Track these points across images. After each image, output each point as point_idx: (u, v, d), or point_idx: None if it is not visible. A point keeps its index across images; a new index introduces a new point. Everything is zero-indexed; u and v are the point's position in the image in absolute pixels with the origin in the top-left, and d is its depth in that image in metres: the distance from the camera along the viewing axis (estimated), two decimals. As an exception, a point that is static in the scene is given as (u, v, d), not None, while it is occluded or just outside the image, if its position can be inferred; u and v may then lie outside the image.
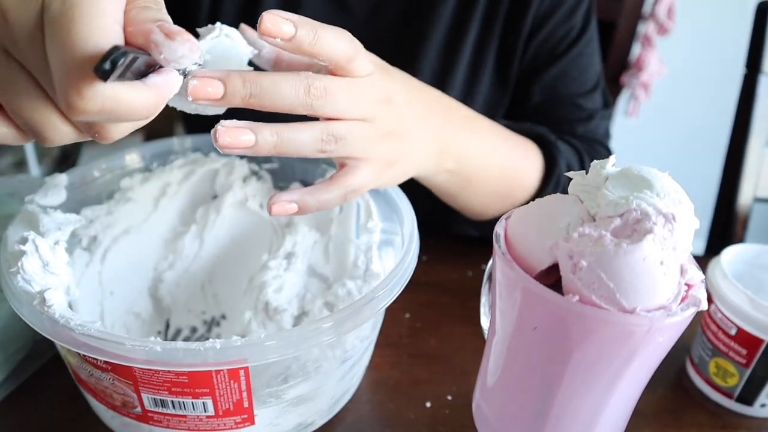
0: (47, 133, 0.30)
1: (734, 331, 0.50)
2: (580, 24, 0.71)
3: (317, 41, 0.37)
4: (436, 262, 0.67)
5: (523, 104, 0.73)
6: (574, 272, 0.29)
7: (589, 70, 0.72)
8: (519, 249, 0.32)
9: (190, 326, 0.57)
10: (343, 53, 0.39)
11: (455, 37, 0.69)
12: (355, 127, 0.42)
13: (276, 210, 0.42)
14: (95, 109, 0.27)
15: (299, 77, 0.38)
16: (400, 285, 0.42)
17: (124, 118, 0.29)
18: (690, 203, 0.31)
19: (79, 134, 0.31)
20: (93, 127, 0.31)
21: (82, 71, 0.26)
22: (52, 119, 0.30)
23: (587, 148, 0.70)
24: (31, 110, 0.30)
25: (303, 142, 0.40)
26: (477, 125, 0.56)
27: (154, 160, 0.56)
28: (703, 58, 1.83)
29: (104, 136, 0.32)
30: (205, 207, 0.57)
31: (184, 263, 0.57)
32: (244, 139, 0.38)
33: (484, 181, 0.57)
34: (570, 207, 0.32)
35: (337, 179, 0.44)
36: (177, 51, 0.28)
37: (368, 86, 0.42)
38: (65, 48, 0.26)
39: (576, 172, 0.34)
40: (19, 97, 0.29)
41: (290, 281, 0.53)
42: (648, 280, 0.28)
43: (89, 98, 0.26)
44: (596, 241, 0.29)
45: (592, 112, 0.72)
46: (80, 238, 0.52)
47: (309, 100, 0.38)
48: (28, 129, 0.31)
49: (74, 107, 0.27)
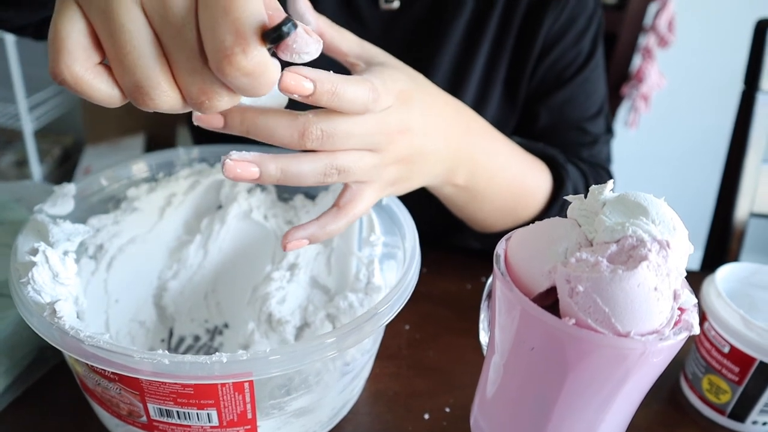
0: (154, 94, 0.31)
1: (727, 349, 0.51)
2: (588, 49, 0.72)
3: (335, 97, 0.38)
4: (436, 274, 0.68)
5: (529, 126, 0.74)
6: (571, 296, 0.30)
7: (594, 95, 0.73)
8: (518, 271, 0.33)
9: (193, 335, 0.58)
10: (362, 103, 0.40)
11: (467, 54, 0.70)
12: (361, 157, 0.43)
13: (290, 247, 0.44)
14: (249, 69, 0.29)
15: (297, 121, 0.39)
16: (401, 301, 0.43)
17: (257, 87, 0.30)
18: (684, 229, 0.32)
19: (182, 103, 0.32)
20: (207, 93, 0.31)
21: (251, 33, 0.28)
22: (162, 81, 0.31)
23: (591, 171, 0.71)
24: (147, 68, 0.30)
25: (305, 174, 0.41)
26: (492, 141, 0.56)
27: (160, 170, 0.57)
28: (703, 71, 1.84)
29: (210, 106, 0.32)
30: (209, 217, 0.58)
31: (188, 272, 0.58)
32: (251, 171, 0.39)
33: (491, 197, 0.58)
34: (568, 231, 0.33)
35: (343, 209, 0.45)
36: (309, 46, 0.31)
37: (380, 121, 0.43)
38: (236, 8, 0.28)
39: (575, 196, 0.35)
40: (138, 53, 0.30)
41: (293, 292, 0.54)
42: (642, 305, 0.29)
43: (251, 57, 0.28)
44: (593, 267, 0.30)
45: (596, 137, 0.73)
46: (87, 247, 0.53)
47: (303, 142, 0.40)
48: (135, 90, 0.31)
49: (235, 63, 0.28)
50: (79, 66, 0.30)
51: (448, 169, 0.52)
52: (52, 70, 0.30)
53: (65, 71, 0.30)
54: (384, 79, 0.43)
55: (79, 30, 0.30)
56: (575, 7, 0.70)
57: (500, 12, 0.70)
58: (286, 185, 0.42)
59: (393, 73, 0.45)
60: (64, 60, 0.30)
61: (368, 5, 0.71)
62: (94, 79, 0.31)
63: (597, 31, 0.73)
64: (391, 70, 0.46)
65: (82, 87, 0.30)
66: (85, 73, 0.30)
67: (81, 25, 0.30)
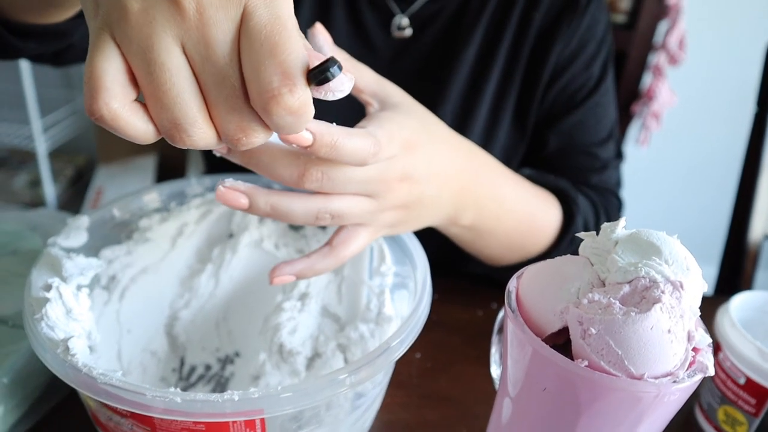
0: (192, 131, 0.31)
1: (743, 380, 0.50)
2: (598, 73, 0.72)
3: (334, 150, 0.38)
4: (447, 301, 0.68)
5: (538, 152, 0.74)
6: (583, 338, 0.30)
7: (604, 119, 0.73)
8: (530, 310, 0.33)
9: (205, 364, 0.58)
10: (361, 157, 0.40)
11: (477, 81, 0.71)
12: (357, 203, 0.43)
13: (276, 282, 0.45)
14: (295, 109, 0.29)
15: (298, 161, 0.40)
16: (413, 335, 0.43)
17: (299, 125, 0.30)
18: (698, 268, 0.32)
19: (217, 140, 0.32)
20: (245, 130, 0.31)
21: (298, 74, 0.29)
22: (200, 119, 0.31)
23: (601, 199, 0.71)
24: (185, 106, 0.30)
25: (296, 214, 0.42)
26: (501, 183, 0.56)
27: (172, 200, 0.57)
28: (714, 89, 1.84)
29: (246, 143, 0.32)
30: (221, 246, 0.58)
31: (200, 301, 0.58)
32: (241, 203, 0.41)
33: (499, 235, 0.58)
34: (580, 270, 0.33)
35: (335, 249, 0.46)
36: (344, 84, 0.31)
37: (381, 170, 0.43)
38: (282, 50, 0.28)
39: (587, 233, 0.35)
40: (177, 91, 0.30)
41: (304, 323, 0.54)
42: (655, 347, 0.29)
43: (297, 97, 0.29)
44: (605, 309, 0.30)
45: (606, 162, 0.73)
46: (99, 278, 0.53)
47: (302, 182, 0.40)
48: (172, 127, 0.31)
49: (282, 103, 0.29)
50: (117, 103, 0.30)
51: (452, 213, 0.52)
52: (89, 107, 0.30)
53: (103, 108, 0.30)
54: (391, 128, 0.43)
55: (116, 67, 0.30)
56: (585, 32, 0.70)
57: (510, 39, 0.70)
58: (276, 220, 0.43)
59: (402, 120, 0.45)
60: (102, 97, 0.29)
61: (380, 33, 0.72)
62: (131, 116, 0.31)
63: (607, 56, 0.73)
64: (401, 116, 0.45)
65: (119, 124, 0.30)
66: (122, 110, 0.30)
67: (118, 62, 0.30)
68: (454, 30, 0.71)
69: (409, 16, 0.71)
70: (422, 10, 0.71)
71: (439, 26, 0.72)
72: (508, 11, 0.70)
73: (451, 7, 0.71)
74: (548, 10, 0.70)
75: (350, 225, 0.45)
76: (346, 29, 0.72)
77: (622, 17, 1.64)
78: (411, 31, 0.71)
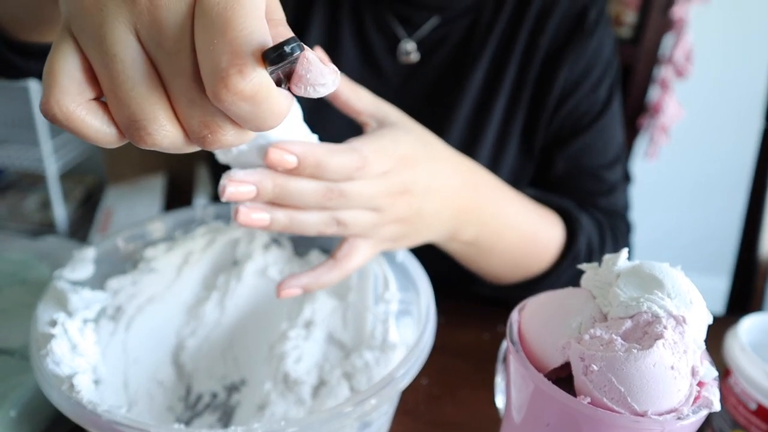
0: (151, 128, 0.28)
1: (754, 406, 0.49)
2: (605, 97, 0.72)
3: (318, 168, 0.40)
4: (453, 324, 0.67)
5: (546, 174, 0.74)
6: (585, 374, 0.30)
7: (612, 142, 0.73)
8: (532, 344, 0.33)
9: (211, 392, 0.58)
10: (346, 173, 0.42)
11: (484, 105, 0.71)
12: (363, 215, 0.44)
13: (284, 295, 0.46)
14: (249, 93, 0.26)
15: (320, 186, 0.42)
16: (418, 365, 0.43)
17: (261, 115, 0.27)
18: (702, 300, 0.32)
19: (184, 140, 0.29)
20: (209, 126, 0.28)
21: (248, 53, 0.25)
22: (161, 115, 0.28)
23: (608, 222, 0.70)
24: (142, 99, 0.28)
25: (310, 223, 0.44)
26: (502, 201, 0.57)
27: (177, 229, 0.57)
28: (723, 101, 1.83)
29: (214, 141, 0.29)
30: (226, 274, 0.59)
31: (206, 330, 0.58)
32: (262, 217, 0.42)
33: (500, 253, 0.58)
34: (582, 304, 0.33)
35: (339, 262, 0.47)
36: (325, 77, 0.27)
37: (380, 184, 0.44)
38: (234, 27, 0.25)
39: (589, 265, 0.35)
40: (132, 83, 0.27)
41: (309, 351, 0.54)
42: (659, 384, 0.29)
43: (249, 79, 0.25)
44: (607, 345, 0.29)
45: (613, 185, 0.73)
46: (106, 308, 0.53)
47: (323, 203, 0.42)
48: (131, 125, 0.28)
49: (231, 86, 0.25)
50: (70, 100, 0.28)
51: (452, 229, 0.52)
52: (42, 107, 0.28)
53: (55, 107, 0.28)
54: (382, 143, 0.45)
55: (72, 64, 0.28)
56: (592, 56, 0.70)
57: (517, 63, 0.70)
58: (292, 233, 0.44)
59: (398, 136, 0.46)
60: (54, 95, 0.27)
61: (387, 58, 0.72)
62: (86, 116, 0.28)
63: (614, 79, 0.73)
64: (398, 132, 0.46)
65: (74, 124, 0.28)
66: (76, 108, 0.28)
67: (75, 59, 0.28)
68: (461, 55, 0.71)
69: (416, 41, 0.72)
70: (429, 36, 0.72)
71: (446, 51, 0.72)
72: (515, 36, 0.70)
73: (458, 32, 0.72)
74: (555, 34, 0.70)
75: (352, 239, 0.47)
76: (354, 54, 0.72)
77: (628, 31, 1.64)
78: (418, 56, 0.72)
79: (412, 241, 0.50)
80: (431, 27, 0.72)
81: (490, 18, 0.71)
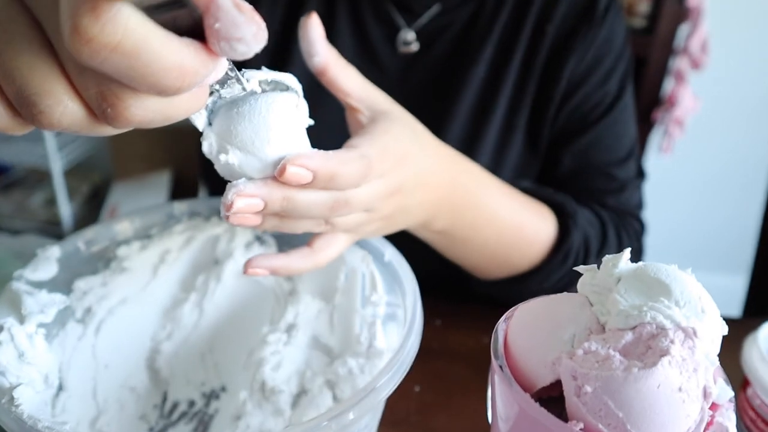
0: (42, 104, 0.23)
1: (774, 421, 0.45)
2: (616, 89, 0.68)
3: (332, 181, 0.37)
4: (450, 326, 0.64)
5: (552, 171, 0.70)
6: (578, 396, 0.26)
7: (623, 138, 0.68)
8: (519, 359, 0.29)
9: (188, 399, 0.54)
10: (355, 181, 0.39)
11: (487, 98, 0.67)
12: (353, 216, 0.42)
13: (249, 273, 0.43)
14: (111, 42, 0.20)
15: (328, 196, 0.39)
16: (401, 372, 0.39)
17: (143, 72, 0.21)
18: (715, 308, 0.28)
19: (89, 115, 0.25)
20: (106, 96, 0.23)
21: None
22: (55, 86, 0.24)
23: (617, 221, 0.66)
24: (26, 71, 0.23)
25: (299, 226, 0.41)
26: (481, 192, 0.53)
27: (153, 227, 0.54)
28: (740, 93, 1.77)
29: (116, 116, 0.24)
30: (205, 274, 0.55)
31: (183, 333, 0.55)
32: (255, 213, 0.38)
33: (477, 245, 0.56)
34: (577, 312, 0.28)
35: (315, 252, 0.45)
36: (240, 29, 0.21)
37: (378, 187, 0.42)
38: None
39: (587, 267, 0.30)
40: (13, 52, 0.23)
41: (289, 357, 0.50)
42: (663, 409, 0.24)
43: (106, 22, 0.20)
44: (603, 362, 0.25)
45: (624, 183, 0.68)
46: (73, 310, 0.50)
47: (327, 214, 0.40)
48: (21, 102, 0.24)
49: (84, 34, 0.20)
50: None
51: (425, 218, 0.50)
52: None
53: None
54: (386, 142, 0.42)
55: None
56: (602, 46, 0.66)
57: (522, 53, 0.67)
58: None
59: (398, 132, 0.44)
60: None
61: (386, 48, 0.69)
62: None
63: (625, 70, 0.68)
64: (395, 126, 0.44)
65: None
66: None
67: None
68: (463, 44, 0.68)
69: (416, 30, 0.68)
70: (430, 24, 0.68)
71: (448, 41, 0.69)
72: (521, 24, 0.67)
73: (460, 21, 0.68)
74: (563, 22, 0.66)
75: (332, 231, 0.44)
76: (351, 44, 0.69)
77: (641, 21, 1.58)
78: (418, 46, 0.68)
79: (388, 231, 0.48)
80: (432, 15, 0.68)
81: (494, 5, 0.67)
